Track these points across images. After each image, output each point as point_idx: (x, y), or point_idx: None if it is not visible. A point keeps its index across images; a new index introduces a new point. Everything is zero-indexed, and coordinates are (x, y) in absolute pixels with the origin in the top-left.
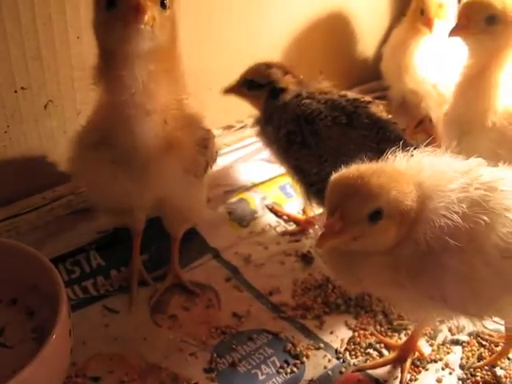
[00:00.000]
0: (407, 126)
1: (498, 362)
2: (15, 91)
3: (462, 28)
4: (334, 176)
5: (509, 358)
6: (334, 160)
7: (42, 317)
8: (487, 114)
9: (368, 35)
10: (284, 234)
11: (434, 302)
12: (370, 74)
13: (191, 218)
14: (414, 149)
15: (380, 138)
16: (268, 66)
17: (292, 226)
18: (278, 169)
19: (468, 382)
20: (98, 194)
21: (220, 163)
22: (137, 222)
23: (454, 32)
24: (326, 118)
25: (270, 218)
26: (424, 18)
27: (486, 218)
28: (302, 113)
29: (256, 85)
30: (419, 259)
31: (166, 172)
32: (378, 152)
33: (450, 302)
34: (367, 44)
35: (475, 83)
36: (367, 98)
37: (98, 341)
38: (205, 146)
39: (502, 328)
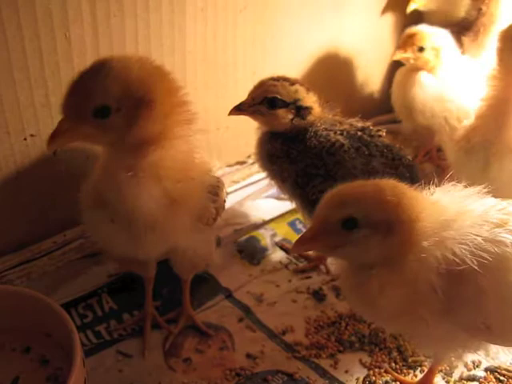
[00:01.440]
0: (416, 156)
1: None
2: (24, 139)
3: None
4: None
5: None
6: None
7: (55, 365)
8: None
9: (371, 72)
10: (295, 271)
11: (467, 332)
12: (373, 109)
13: (201, 265)
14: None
15: (396, 166)
16: (289, 81)
17: (303, 263)
18: (287, 205)
19: None
20: (104, 246)
21: (229, 202)
22: (147, 270)
23: None
24: (350, 150)
25: (280, 255)
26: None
27: (510, 237)
28: (322, 145)
29: (280, 103)
30: (448, 287)
31: (172, 227)
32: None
33: (494, 328)
34: (371, 80)
35: (507, 107)
36: (372, 126)
37: None
38: (215, 194)
39: None
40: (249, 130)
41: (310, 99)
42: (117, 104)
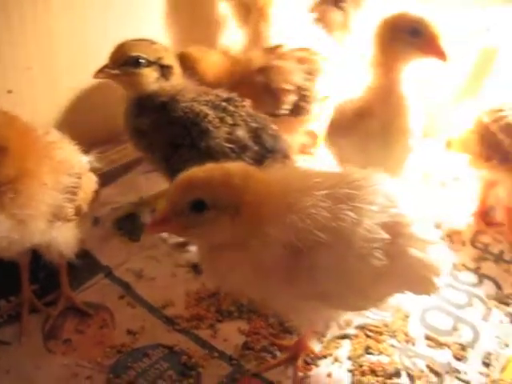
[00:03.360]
0: None
1: (383, 350)
2: None
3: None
4: None
5: (393, 346)
6: (225, 159)
7: None
8: (407, 128)
9: None
10: (175, 245)
11: (313, 301)
12: None
13: (69, 253)
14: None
15: (259, 135)
16: (150, 41)
17: None
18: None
19: (356, 372)
20: None
21: (106, 181)
22: (21, 256)
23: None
24: (214, 120)
25: None
26: None
27: (351, 214)
28: (187, 115)
29: (144, 62)
30: (290, 262)
31: (26, 237)
32: (260, 149)
33: (329, 299)
34: None
35: (393, 95)
36: (237, 97)
37: None
38: (73, 193)
39: (387, 317)
40: None
41: (170, 58)
42: None
